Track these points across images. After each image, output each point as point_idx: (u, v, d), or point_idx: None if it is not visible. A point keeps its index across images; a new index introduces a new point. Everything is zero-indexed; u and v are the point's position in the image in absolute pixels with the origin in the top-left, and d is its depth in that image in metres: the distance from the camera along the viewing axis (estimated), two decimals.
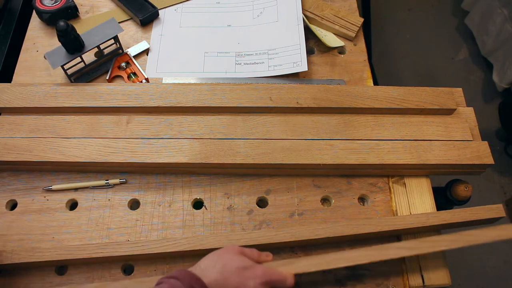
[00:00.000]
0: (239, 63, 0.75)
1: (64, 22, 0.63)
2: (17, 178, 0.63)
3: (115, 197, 0.62)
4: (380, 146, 0.63)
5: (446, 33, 1.81)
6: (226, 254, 0.49)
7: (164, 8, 0.82)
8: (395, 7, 1.88)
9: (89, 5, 0.82)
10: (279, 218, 0.61)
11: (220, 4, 0.83)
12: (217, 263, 0.47)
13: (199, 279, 0.45)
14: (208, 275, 0.46)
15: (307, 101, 0.67)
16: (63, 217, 0.60)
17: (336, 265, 0.52)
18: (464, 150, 0.64)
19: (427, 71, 1.72)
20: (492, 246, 1.34)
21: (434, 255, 0.59)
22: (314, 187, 0.64)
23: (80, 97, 0.67)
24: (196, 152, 0.61)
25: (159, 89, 0.68)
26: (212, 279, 0.45)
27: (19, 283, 0.56)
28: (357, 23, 0.80)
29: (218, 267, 0.47)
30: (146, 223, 0.60)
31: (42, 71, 0.74)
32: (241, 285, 0.46)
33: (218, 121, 0.65)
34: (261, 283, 0.47)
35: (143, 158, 0.61)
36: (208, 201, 0.62)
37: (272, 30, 0.78)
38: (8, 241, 0.59)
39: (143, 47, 0.76)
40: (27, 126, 0.64)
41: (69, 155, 0.61)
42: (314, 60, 0.77)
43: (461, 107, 0.70)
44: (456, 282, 1.29)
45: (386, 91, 0.68)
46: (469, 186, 0.65)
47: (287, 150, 0.62)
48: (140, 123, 0.65)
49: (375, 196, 0.63)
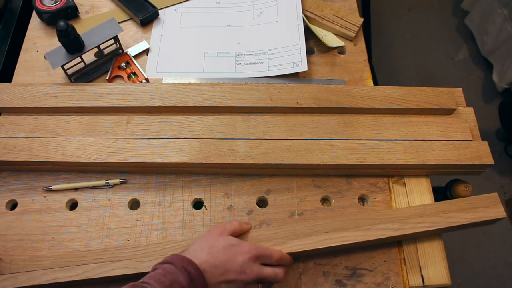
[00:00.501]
0: (239, 63, 0.75)
1: (64, 22, 0.63)
2: (17, 178, 0.63)
3: (115, 197, 0.62)
4: (380, 146, 0.63)
5: (446, 33, 1.81)
6: (210, 237, 0.51)
7: (164, 8, 0.82)
8: (395, 7, 1.88)
9: (89, 5, 0.82)
10: (279, 218, 0.61)
11: (220, 4, 0.83)
12: (204, 246, 0.50)
13: (191, 261, 0.47)
14: (198, 257, 0.48)
15: (307, 101, 0.67)
16: (63, 217, 0.60)
17: (326, 244, 0.55)
18: (464, 150, 0.64)
19: (427, 71, 1.72)
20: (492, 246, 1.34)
21: (434, 255, 0.59)
22: (314, 187, 0.64)
23: (80, 97, 0.67)
24: (196, 152, 0.61)
25: (159, 89, 0.68)
26: (202, 260, 0.48)
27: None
28: (357, 23, 0.80)
29: (206, 249, 0.49)
30: (146, 223, 0.60)
31: (42, 71, 0.74)
32: (230, 262, 0.49)
33: (218, 121, 0.65)
34: (249, 257, 0.49)
35: (143, 158, 0.61)
36: (208, 201, 0.62)
37: (272, 30, 0.78)
38: (8, 241, 0.59)
39: (143, 47, 0.76)
40: (27, 126, 0.64)
41: (69, 155, 0.61)
42: (314, 60, 0.77)
43: (461, 107, 0.70)
44: (456, 282, 1.29)
45: (386, 91, 0.68)
46: (469, 186, 0.65)
47: (287, 150, 0.62)
48: (140, 123, 0.65)
49: (375, 196, 0.63)
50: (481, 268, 1.32)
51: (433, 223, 0.57)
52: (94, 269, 0.54)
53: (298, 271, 0.58)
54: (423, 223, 0.57)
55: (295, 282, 0.57)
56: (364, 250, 0.59)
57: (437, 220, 0.58)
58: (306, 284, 0.57)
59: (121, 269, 0.54)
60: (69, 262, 0.54)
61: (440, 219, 0.58)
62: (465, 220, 0.58)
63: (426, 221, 0.58)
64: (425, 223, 0.57)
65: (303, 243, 0.55)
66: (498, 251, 1.35)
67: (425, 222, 0.57)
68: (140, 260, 0.54)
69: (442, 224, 0.57)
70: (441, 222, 0.58)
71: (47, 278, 0.53)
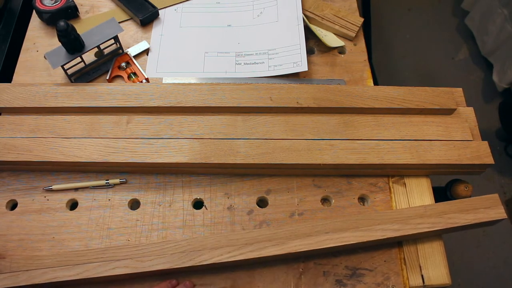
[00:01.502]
0: (239, 63, 0.75)
1: (64, 22, 0.63)
2: (17, 178, 0.63)
3: (115, 197, 0.62)
4: (380, 146, 0.63)
5: (446, 33, 1.81)
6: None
7: (164, 8, 0.82)
8: (395, 7, 1.88)
9: (89, 5, 0.82)
10: (279, 218, 0.61)
11: (220, 4, 0.83)
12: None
13: None
14: None
15: (307, 101, 0.67)
16: (63, 217, 0.60)
17: (326, 244, 0.55)
18: (464, 150, 0.64)
19: (427, 71, 1.72)
20: (492, 246, 1.34)
21: (434, 255, 0.59)
22: (314, 187, 0.64)
23: (80, 97, 0.67)
24: (196, 152, 0.61)
25: (159, 89, 0.68)
26: None
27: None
28: (357, 23, 0.80)
29: None
30: (146, 223, 0.60)
31: (42, 71, 0.74)
32: None
33: (218, 121, 0.65)
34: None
35: (143, 158, 0.61)
36: (208, 201, 0.62)
37: (272, 30, 0.78)
38: (8, 241, 0.59)
39: (143, 47, 0.76)
40: (27, 126, 0.64)
41: (69, 155, 0.61)
42: (314, 60, 0.77)
43: (461, 107, 0.70)
44: (456, 282, 1.29)
45: (386, 91, 0.68)
46: (469, 186, 0.65)
47: (287, 150, 0.62)
48: (140, 123, 0.65)
49: (375, 196, 0.63)
50: (481, 268, 1.32)
51: (433, 224, 0.57)
52: (94, 268, 0.54)
53: (298, 271, 0.58)
54: (424, 223, 0.57)
55: (295, 282, 0.57)
56: (364, 250, 0.59)
57: (437, 221, 0.58)
58: (306, 284, 0.57)
59: (121, 268, 0.54)
60: (70, 261, 0.54)
61: (440, 220, 0.58)
62: (465, 221, 0.58)
63: (426, 221, 0.58)
64: (425, 224, 0.57)
65: (303, 243, 0.55)
66: (498, 251, 1.35)
67: (425, 222, 0.57)
68: (140, 260, 0.54)
69: (442, 225, 0.57)
70: (441, 223, 0.58)
71: (48, 277, 0.53)
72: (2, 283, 0.53)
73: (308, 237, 0.56)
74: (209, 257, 0.54)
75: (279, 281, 0.57)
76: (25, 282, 0.53)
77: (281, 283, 0.57)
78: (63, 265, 0.54)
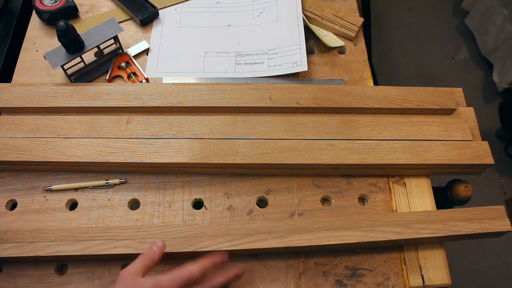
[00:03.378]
0: (239, 63, 0.75)
1: (64, 22, 0.63)
2: (17, 178, 0.63)
3: (115, 197, 0.62)
4: (380, 146, 0.63)
5: (446, 33, 1.81)
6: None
7: (164, 8, 0.82)
8: (395, 7, 1.88)
9: (89, 5, 0.82)
10: (279, 218, 0.61)
11: (220, 4, 0.83)
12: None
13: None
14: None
15: (307, 101, 0.67)
16: (63, 217, 0.60)
17: (326, 241, 0.55)
18: (464, 150, 0.64)
19: (427, 71, 1.72)
20: (492, 246, 1.34)
21: (434, 255, 0.59)
22: (314, 187, 0.64)
23: (80, 97, 0.67)
24: (196, 152, 0.61)
25: (159, 89, 0.68)
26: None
27: (19, 283, 0.56)
28: (357, 23, 0.80)
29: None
30: (146, 223, 0.60)
31: (42, 71, 0.74)
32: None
33: (218, 121, 0.65)
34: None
35: (143, 158, 0.61)
36: (208, 201, 0.62)
37: (272, 30, 0.78)
38: None
39: (143, 47, 0.76)
40: (27, 126, 0.64)
41: (69, 155, 0.61)
42: (314, 60, 0.77)
43: (461, 107, 0.70)
44: (456, 282, 1.29)
45: (386, 91, 0.68)
46: (469, 186, 0.65)
47: (287, 150, 0.62)
48: (140, 123, 0.65)
49: (375, 196, 0.63)
50: (481, 268, 1.32)
51: (436, 230, 0.57)
52: (96, 246, 0.54)
53: (298, 271, 0.58)
54: (426, 229, 0.57)
55: (295, 282, 0.57)
56: (364, 250, 0.59)
57: (440, 228, 0.57)
58: (306, 284, 0.57)
59: (122, 248, 0.54)
60: (73, 237, 0.55)
61: (443, 226, 0.57)
62: (468, 230, 0.57)
63: (429, 227, 0.57)
64: (427, 230, 0.57)
65: (303, 239, 0.55)
66: (498, 251, 1.35)
67: (427, 228, 0.57)
68: (141, 241, 0.55)
69: (445, 232, 0.57)
70: (444, 229, 0.57)
71: (51, 250, 0.54)
72: (7, 252, 0.54)
73: (309, 233, 0.56)
74: (209, 244, 0.55)
75: (279, 281, 0.57)
76: (29, 254, 0.54)
77: (281, 283, 0.57)
78: (66, 240, 0.55)
